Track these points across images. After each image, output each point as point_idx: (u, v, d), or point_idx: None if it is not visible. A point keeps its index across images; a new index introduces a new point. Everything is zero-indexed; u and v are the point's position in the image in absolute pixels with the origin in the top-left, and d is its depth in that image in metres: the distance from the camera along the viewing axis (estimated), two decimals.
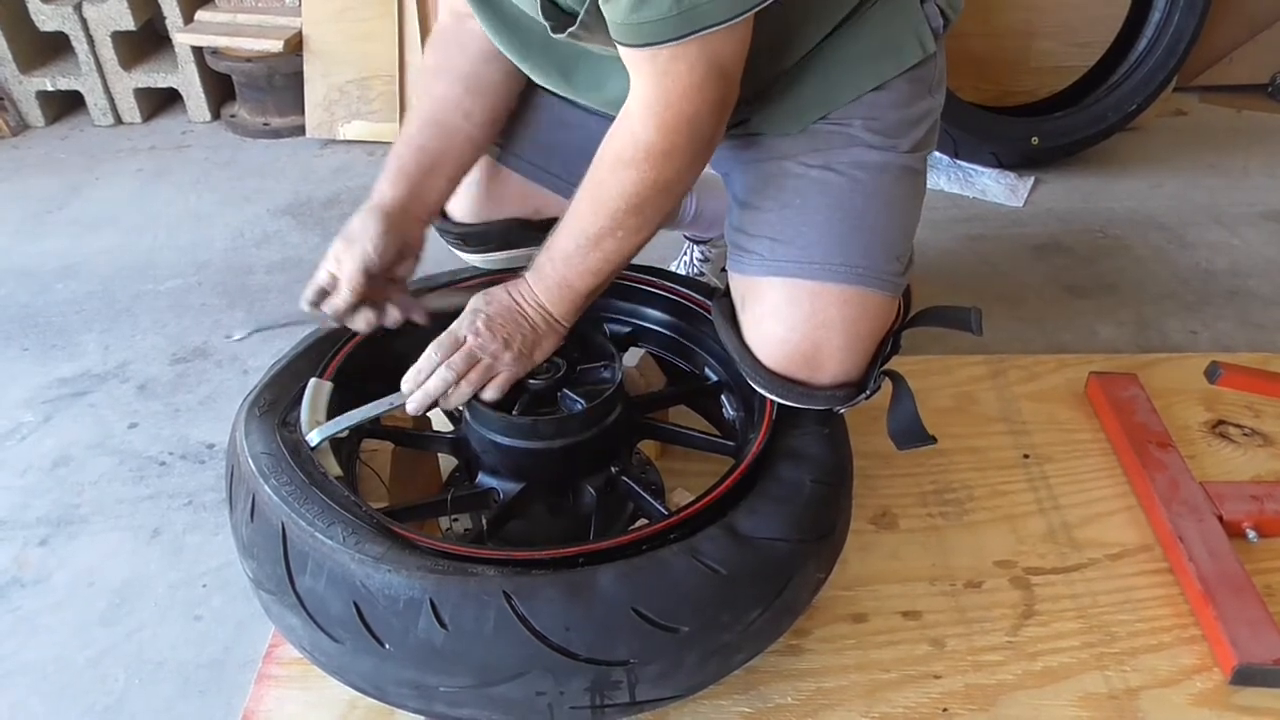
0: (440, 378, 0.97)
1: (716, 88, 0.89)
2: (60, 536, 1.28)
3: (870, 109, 1.03)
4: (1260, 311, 1.73)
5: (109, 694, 1.07)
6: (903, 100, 1.04)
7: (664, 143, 0.91)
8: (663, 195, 0.95)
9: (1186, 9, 2.11)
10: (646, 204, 0.94)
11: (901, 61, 1.03)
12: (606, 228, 0.96)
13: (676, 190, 0.96)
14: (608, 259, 0.98)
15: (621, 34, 0.85)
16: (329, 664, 0.88)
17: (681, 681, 0.87)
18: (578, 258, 0.98)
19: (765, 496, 0.94)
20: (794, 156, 1.04)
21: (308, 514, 0.87)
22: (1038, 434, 1.35)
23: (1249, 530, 1.17)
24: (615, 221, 0.95)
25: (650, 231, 0.98)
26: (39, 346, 1.66)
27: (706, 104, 0.89)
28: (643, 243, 0.99)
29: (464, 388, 0.98)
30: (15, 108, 2.46)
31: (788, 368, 1.02)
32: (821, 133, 1.04)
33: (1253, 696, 1.01)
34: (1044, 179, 2.17)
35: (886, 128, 1.03)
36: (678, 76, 0.87)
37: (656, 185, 0.93)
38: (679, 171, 0.94)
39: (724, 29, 0.84)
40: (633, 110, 0.91)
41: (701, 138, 0.92)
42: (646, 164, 0.92)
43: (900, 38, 1.03)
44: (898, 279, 1.04)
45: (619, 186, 0.94)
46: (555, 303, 0.99)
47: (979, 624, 1.08)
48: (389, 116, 2.38)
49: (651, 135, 0.90)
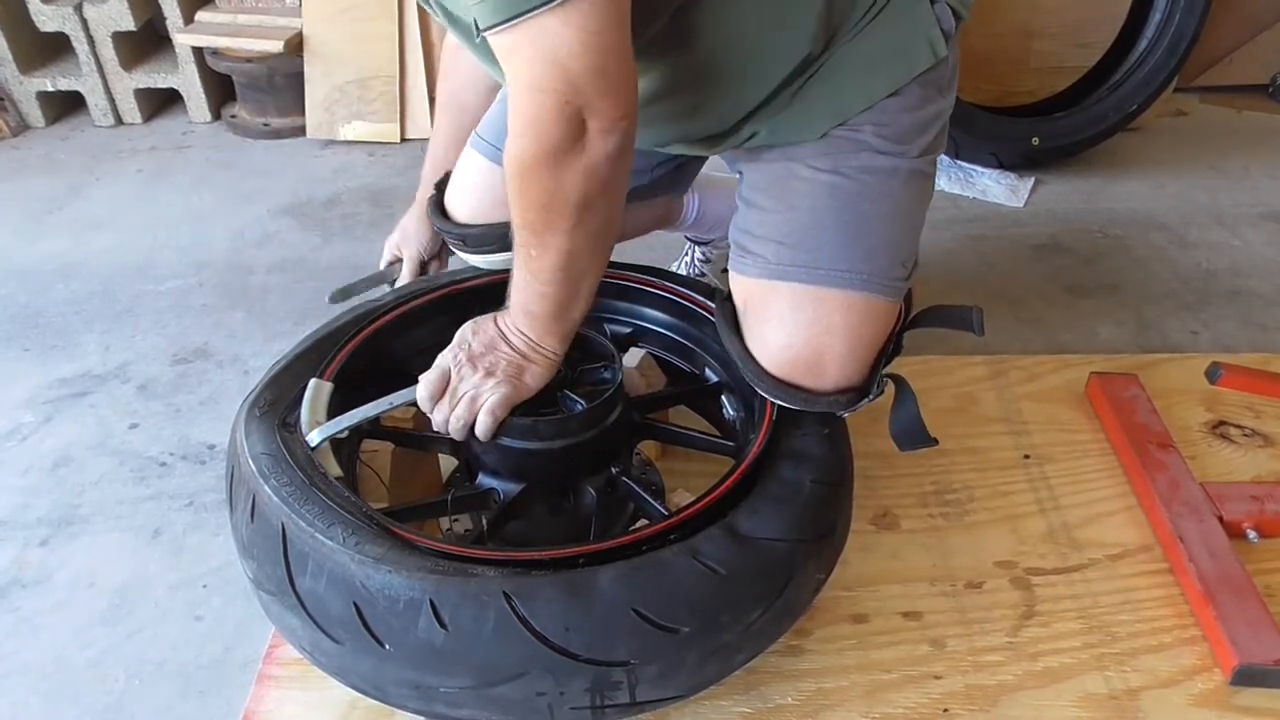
0: (435, 422, 0.99)
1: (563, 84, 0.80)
2: (61, 537, 1.28)
3: (881, 114, 1.02)
4: (1261, 312, 1.73)
5: (109, 694, 1.07)
6: (914, 104, 1.03)
7: (516, 146, 0.85)
8: (547, 209, 0.87)
9: (1187, 9, 2.11)
10: (534, 218, 0.89)
11: (913, 67, 1.01)
12: (522, 247, 0.92)
13: (558, 202, 0.87)
14: (540, 280, 0.93)
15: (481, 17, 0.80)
16: (329, 664, 0.88)
17: (682, 682, 0.87)
18: (521, 284, 0.95)
19: (766, 497, 0.94)
20: (803, 159, 1.04)
21: (308, 514, 0.87)
22: (1038, 434, 1.35)
23: (1249, 531, 1.17)
24: (523, 240, 0.91)
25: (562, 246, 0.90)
26: (39, 347, 1.66)
27: (551, 100, 0.81)
28: (560, 260, 0.91)
29: (455, 424, 0.97)
30: (15, 108, 2.46)
31: (790, 373, 1.02)
32: (832, 137, 1.03)
33: (1253, 697, 1.01)
34: (1044, 179, 2.17)
35: (897, 134, 1.02)
36: (528, 65, 0.80)
37: (531, 197, 0.87)
38: (540, 178, 0.85)
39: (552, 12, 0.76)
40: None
41: (554, 142, 0.83)
42: (518, 177, 0.87)
43: (910, 42, 1.01)
44: (901, 284, 1.04)
45: (513, 205, 0.90)
46: (529, 329, 0.98)
47: (979, 624, 1.08)
48: (389, 117, 2.38)
49: (516, 143, 0.85)
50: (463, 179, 1.24)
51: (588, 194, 0.87)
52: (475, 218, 1.22)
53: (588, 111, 0.82)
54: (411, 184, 2.21)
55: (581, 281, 0.95)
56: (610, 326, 1.24)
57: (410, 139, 2.41)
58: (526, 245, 0.92)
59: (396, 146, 2.39)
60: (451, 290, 1.21)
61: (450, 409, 0.97)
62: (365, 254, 1.93)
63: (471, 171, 1.23)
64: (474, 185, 1.22)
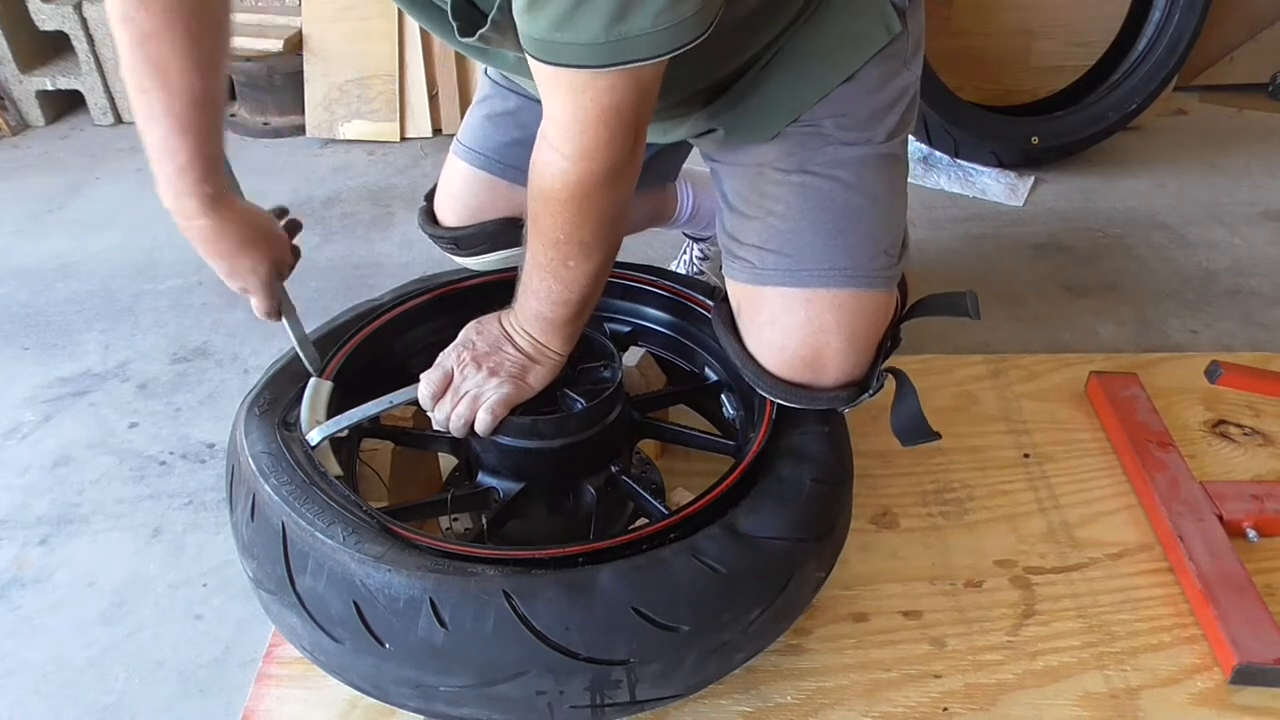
0: (435, 420, 0.99)
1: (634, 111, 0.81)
2: (60, 536, 1.28)
3: (839, 105, 1.00)
4: (1261, 311, 1.73)
5: (109, 694, 1.07)
6: (873, 86, 1.01)
7: (580, 169, 0.84)
8: (595, 220, 0.89)
9: (1186, 8, 2.11)
10: (582, 230, 0.89)
11: (867, 49, 0.99)
12: (556, 258, 0.92)
13: (609, 213, 0.89)
14: (568, 288, 0.94)
15: (537, 49, 0.77)
16: (329, 663, 0.88)
17: (681, 681, 0.87)
18: (542, 290, 0.95)
19: (765, 495, 0.94)
20: (770, 163, 1.03)
21: (308, 513, 0.87)
22: (1038, 433, 1.35)
23: (1249, 530, 1.17)
24: (560, 252, 0.91)
25: (603, 253, 0.93)
26: (39, 346, 1.66)
27: (623, 127, 0.82)
28: (600, 265, 0.93)
29: (455, 422, 0.98)
30: (15, 107, 2.46)
31: (790, 372, 1.02)
32: (794, 135, 1.02)
33: (1253, 696, 1.01)
34: (1044, 178, 2.17)
35: (858, 122, 1.01)
36: (594, 100, 0.79)
37: (585, 212, 0.88)
38: (604, 195, 0.87)
39: (651, 65, 0.77)
40: (548, 133, 0.85)
41: (618, 162, 0.85)
42: (565, 192, 0.86)
43: (862, 23, 0.99)
44: (889, 272, 1.03)
45: (550, 218, 0.89)
46: (539, 332, 0.98)
47: (979, 623, 1.08)
48: (389, 116, 2.38)
49: (566, 162, 0.84)
50: (447, 187, 1.27)
51: (631, 192, 0.90)
52: (462, 221, 1.25)
53: (645, 120, 0.84)
54: (412, 183, 2.23)
55: (600, 286, 0.97)
56: (610, 325, 1.24)
57: (410, 138, 2.41)
58: (566, 258, 0.91)
59: (396, 145, 2.39)
60: (451, 290, 1.21)
61: (452, 407, 0.98)
62: (364, 252, 1.93)
63: (454, 178, 1.25)
64: (458, 191, 1.25)
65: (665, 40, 0.75)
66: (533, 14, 0.74)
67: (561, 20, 0.73)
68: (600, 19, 0.72)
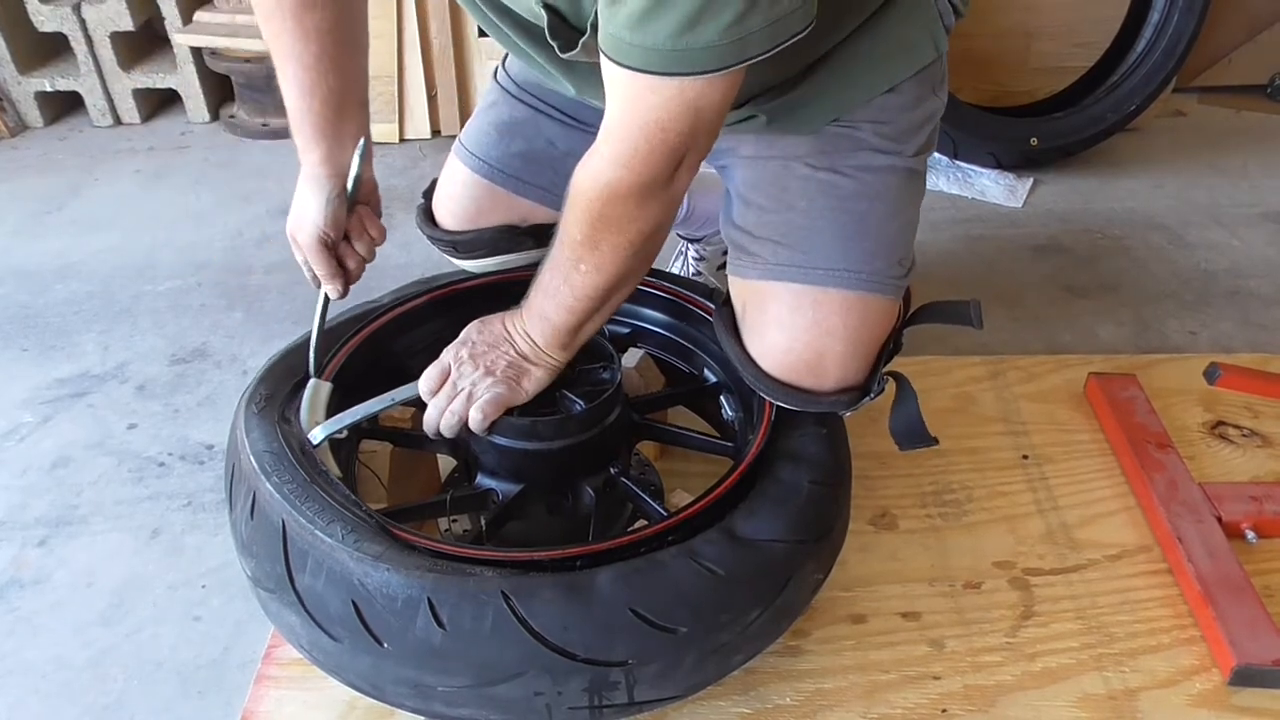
0: (429, 417, 1.00)
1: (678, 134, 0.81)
2: (59, 537, 1.28)
3: (879, 112, 1.02)
4: (1260, 312, 1.73)
5: (108, 694, 1.07)
6: (910, 102, 1.03)
7: (612, 174, 0.84)
8: (616, 233, 0.88)
9: (1186, 9, 2.11)
10: (599, 235, 0.88)
11: (914, 62, 1.01)
12: (570, 258, 0.92)
13: (630, 231, 0.88)
14: (575, 293, 0.93)
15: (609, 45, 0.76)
16: (327, 663, 0.88)
17: (680, 682, 0.87)
18: (552, 290, 0.95)
19: (764, 497, 0.94)
20: (801, 157, 1.04)
21: (308, 512, 0.87)
22: (1037, 435, 1.35)
23: (1248, 531, 1.17)
24: (575, 252, 0.91)
25: (617, 272, 0.91)
26: (38, 347, 1.66)
27: (664, 145, 0.81)
28: (610, 282, 0.92)
29: (449, 419, 0.98)
30: (14, 108, 2.46)
31: (791, 375, 1.02)
32: (831, 134, 1.03)
33: (1252, 697, 1.01)
34: (1043, 179, 2.17)
35: (894, 132, 1.02)
36: (644, 111, 0.79)
37: (607, 219, 0.87)
38: (628, 210, 0.86)
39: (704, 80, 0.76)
40: (601, 131, 0.84)
41: (651, 180, 0.84)
42: (594, 192, 0.86)
43: (916, 36, 1.01)
44: (900, 282, 1.04)
45: (573, 212, 0.89)
46: (540, 335, 0.97)
47: (978, 625, 1.08)
48: (388, 117, 2.38)
49: (603, 163, 0.84)
50: (447, 189, 1.26)
51: (661, 224, 0.90)
52: (461, 225, 1.24)
53: (691, 151, 0.83)
54: (411, 184, 2.23)
55: (611, 302, 0.96)
56: (609, 327, 1.24)
57: (409, 139, 2.41)
58: (579, 260, 0.91)
59: (395, 146, 2.39)
60: (451, 290, 1.21)
61: (447, 402, 0.98)
62: None
63: (455, 181, 1.24)
64: (458, 195, 1.24)
65: (730, 53, 0.74)
66: (614, 8, 0.74)
67: (639, 19, 0.73)
68: (672, 25, 0.72)
